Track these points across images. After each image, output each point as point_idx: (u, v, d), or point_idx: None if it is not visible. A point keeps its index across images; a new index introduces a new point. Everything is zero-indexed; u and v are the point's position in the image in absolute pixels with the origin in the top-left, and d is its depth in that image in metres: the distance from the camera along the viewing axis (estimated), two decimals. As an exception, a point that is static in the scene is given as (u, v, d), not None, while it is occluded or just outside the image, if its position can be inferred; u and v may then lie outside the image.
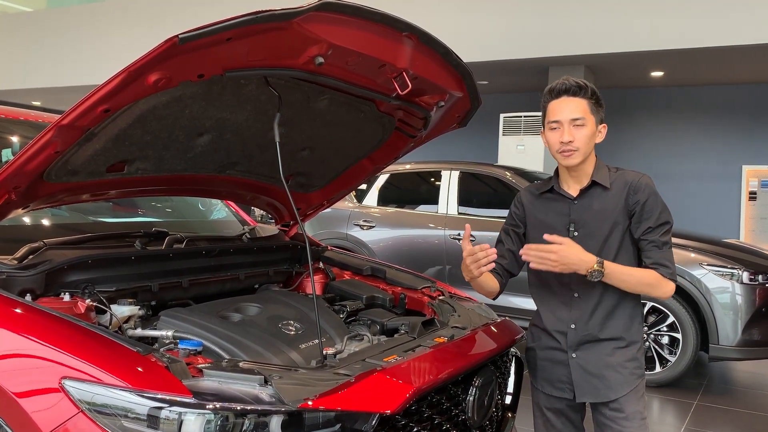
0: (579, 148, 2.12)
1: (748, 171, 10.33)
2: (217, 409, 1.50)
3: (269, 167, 2.54)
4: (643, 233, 2.13)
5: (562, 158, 2.15)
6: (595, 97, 2.15)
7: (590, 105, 2.13)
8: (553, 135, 2.15)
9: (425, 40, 2.04)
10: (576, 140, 2.11)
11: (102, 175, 2.10)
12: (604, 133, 2.19)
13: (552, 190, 2.24)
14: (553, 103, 2.15)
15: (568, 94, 2.13)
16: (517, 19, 8.91)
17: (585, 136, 2.12)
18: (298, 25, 1.73)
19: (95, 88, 1.68)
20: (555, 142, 2.14)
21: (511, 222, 2.34)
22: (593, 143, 2.16)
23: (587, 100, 2.13)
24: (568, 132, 2.11)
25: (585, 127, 2.11)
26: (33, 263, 1.96)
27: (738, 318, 4.97)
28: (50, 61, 12.36)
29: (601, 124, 2.17)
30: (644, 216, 2.13)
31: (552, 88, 2.16)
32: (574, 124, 2.11)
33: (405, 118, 2.52)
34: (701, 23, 7.89)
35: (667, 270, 2.12)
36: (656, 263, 2.12)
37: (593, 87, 2.16)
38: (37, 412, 1.57)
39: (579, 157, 2.13)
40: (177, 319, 2.05)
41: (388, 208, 6.77)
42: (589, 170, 2.18)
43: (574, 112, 2.11)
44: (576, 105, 2.12)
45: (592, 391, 2.17)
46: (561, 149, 2.13)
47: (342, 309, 2.55)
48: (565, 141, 2.11)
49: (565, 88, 2.13)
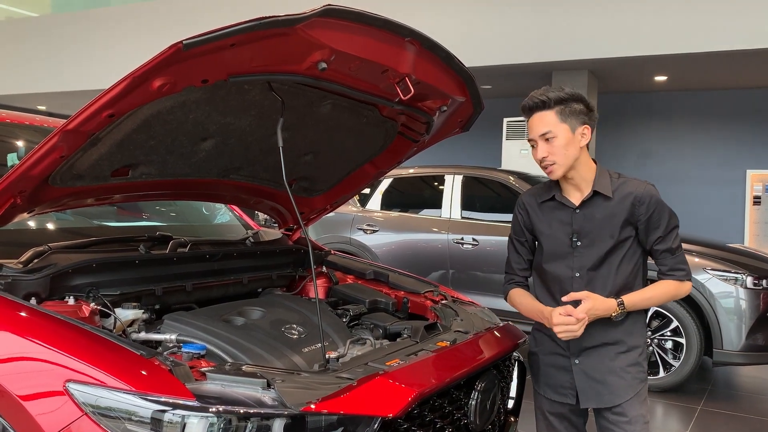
0: (555, 161, 2.11)
1: (753, 175, 10.31)
2: (220, 412, 1.51)
3: (272, 172, 2.55)
4: (655, 242, 2.15)
5: (547, 173, 2.16)
6: (565, 103, 2.10)
7: (558, 115, 2.10)
8: (534, 153, 2.17)
9: (427, 46, 2.05)
10: (550, 155, 2.11)
11: (106, 180, 2.11)
12: (589, 134, 2.14)
13: (554, 198, 2.24)
14: (528, 121, 2.16)
15: (534, 111, 2.13)
16: (520, 23, 8.92)
17: (557, 147, 2.10)
18: (301, 31, 1.74)
19: (100, 94, 1.70)
20: (536, 160, 2.17)
21: (518, 230, 2.32)
22: (573, 151, 2.11)
23: (553, 110, 2.10)
24: (540, 148, 2.12)
25: (556, 139, 2.10)
26: (38, 267, 1.97)
27: (742, 323, 4.95)
28: (55, 66, 12.40)
29: (583, 126, 2.12)
30: (652, 226, 2.14)
31: (522, 107, 2.17)
32: (544, 138, 2.11)
33: (408, 123, 2.53)
34: (705, 27, 7.88)
35: (683, 273, 2.18)
36: (672, 269, 2.18)
37: (563, 94, 2.10)
38: (41, 415, 1.58)
39: (560, 170, 2.13)
40: (180, 323, 2.05)
41: (391, 213, 6.78)
42: (588, 177, 2.17)
43: (541, 127, 2.11)
44: (542, 120, 2.11)
45: (596, 397, 2.17)
46: (541, 165, 2.15)
47: (345, 313, 2.56)
48: (539, 158, 2.13)
49: (529, 106, 2.13)
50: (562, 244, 2.18)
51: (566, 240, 2.17)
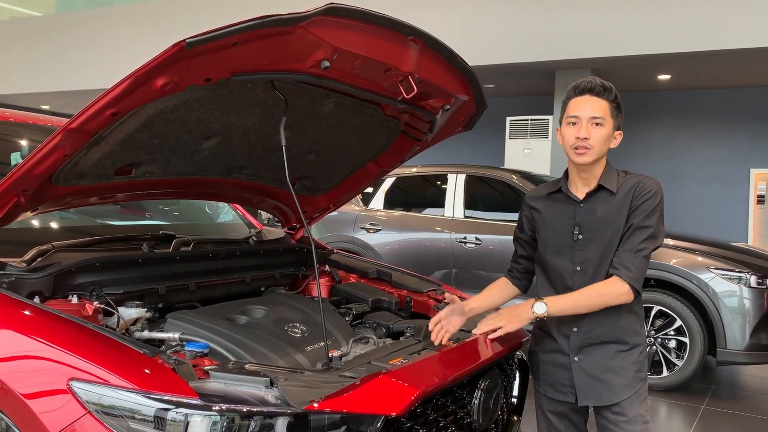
0: (593, 147, 2.10)
1: (756, 174, 10.27)
2: (224, 410, 1.51)
3: (275, 170, 2.55)
4: (628, 230, 2.09)
5: (574, 155, 2.13)
6: (617, 102, 2.15)
7: (611, 108, 2.13)
8: (570, 130, 2.13)
9: (431, 44, 2.05)
10: (592, 138, 2.10)
11: (110, 179, 2.11)
12: (619, 140, 2.17)
13: (560, 190, 2.24)
14: (575, 99, 2.15)
15: (591, 93, 2.13)
16: (523, 22, 8.91)
17: (601, 136, 2.11)
18: (304, 30, 1.74)
19: (103, 92, 1.70)
20: (570, 137, 2.12)
21: (521, 226, 2.34)
22: (607, 146, 2.14)
23: (609, 102, 2.12)
24: (585, 129, 2.10)
25: (603, 128, 2.11)
26: (41, 266, 1.98)
27: (746, 322, 4.94)
28: (59, 65, 12.42)
29: (618, 130, 2.16)
30: (635, 214, 2.09)
31: (577, 85, 2.16)
32: (593, 122, 2.10)
33: (411, 122, 2.52)
34: (708, 26, 7.86)
35: (628, 273, 2.05)
36: (621, 264, 2.06)
37: (617, 92, 2.16)
38: (44, 413, 1.58)
39: (592, 156, 2.12)
40: (184, 322, 2.06)
41: (394, 212, 6.77)
42: (598, 173, 2.17)
43: (595, 111, 2.11)
44: (598, 104, 2.12)
45: (594, 395, 2.17)
46: (575, 145, 2.11)
47: (348, 312, 2.56)
48: (581, 137, 2.09)
49: (590, 87, 2.13)
50: (565, 238, 2.18)
51: (568, 233, 2.18)
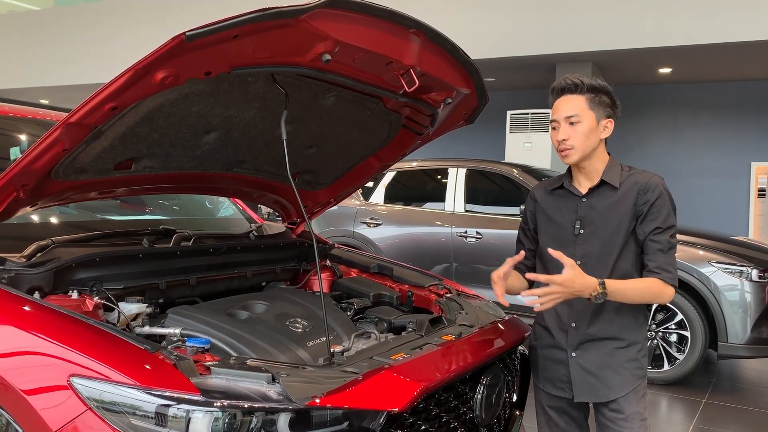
0: (574, 146, 2.11)
1: (757, 168, 10.27)
2: (225, 406, 1.50)
3: (276, 165, 2.54)
4: (652, 233, 2.09)
5: (561, 157, 2.16)
6: (596, 92, 2.12)
7: (588, 101, 2.11)
8: (553, 134, 2.18)
9: (432, 37, 2.03)
10: (570, 138, 2.10)
11: (109, 173, 2.10)
12: (611, 128, 2.15)
13: (563, 186, 2.24)
14: (555, 102, 2.17)
15: (565, 93, 2.14)
16: (524, 16, 8.88)
17: (580, 133, 2.10)
18: (305, 22, 1.72)
19: (103, 86, 1.69)
20: (554, 141, 2.17)
21: (525, 221, 2.35)
22: (593, 140, 2.12)
23: (584, 96, 2.12)
24: (563, 130, 2.12)
25: (580, 124, 2.10)
26: (41, 261, 1.97)
27: (747, 315, 4.94)
28: (58, 60, 12.40)
29: (607, 119, 2.14)
30: (651, 216, 2.09)
31: (552, 88, 2.18)
32: (569, 121, 2.11)
33: (412, 116, 2.51)
34: (709, 19, 7.84)
35: (669, 275, 2.07)
36: (660, 268, 2.07)
37: (596, 83, 2.13)
38: (45, 410, 1.57)
39: (576, 155, 2.12)
40: (185, 317, 2.05)
41: (394, 206, 6.77)
42: (599, 168, 2.17)
43: (569, 110, 2.11)
44: (572, 103, 2.12)
45: (591, 391, 2.16)
46: (559, 147, 2.14)
47: (349, 307, 2.55)
48: (559, 139, 2.12)
49: (561, 87, 2.14)
50: (566, 231, 2.18)
51: (570, 227, 2.17)
